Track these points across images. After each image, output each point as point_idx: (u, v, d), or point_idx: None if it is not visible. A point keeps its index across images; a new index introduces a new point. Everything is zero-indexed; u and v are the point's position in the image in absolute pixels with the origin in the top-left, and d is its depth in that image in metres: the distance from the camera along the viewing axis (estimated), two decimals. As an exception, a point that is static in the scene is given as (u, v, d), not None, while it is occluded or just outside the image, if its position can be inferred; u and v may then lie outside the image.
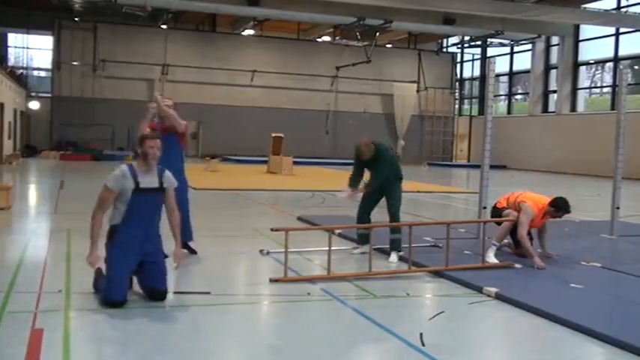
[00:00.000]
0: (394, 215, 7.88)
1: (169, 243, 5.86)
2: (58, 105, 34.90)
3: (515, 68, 38.98)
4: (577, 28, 33.10)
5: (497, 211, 7.95)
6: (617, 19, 29.38)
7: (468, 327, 5.35)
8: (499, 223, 7.75)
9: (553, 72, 35.20)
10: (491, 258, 7.35)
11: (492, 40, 35.26)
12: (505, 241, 7.95)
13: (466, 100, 44.67)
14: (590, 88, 35.32)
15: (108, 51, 34.99)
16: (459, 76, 43.53)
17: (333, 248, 6.73)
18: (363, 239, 7.87)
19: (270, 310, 5.79)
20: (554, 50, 35.11)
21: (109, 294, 5.34)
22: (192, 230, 7.63)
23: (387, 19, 30.20)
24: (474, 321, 5.54)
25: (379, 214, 8.42)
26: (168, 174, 5.78)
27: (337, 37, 37.04)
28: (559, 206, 7.55)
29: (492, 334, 5.30)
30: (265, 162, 25.67)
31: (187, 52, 36.42)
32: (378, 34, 33.32)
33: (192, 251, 7.56)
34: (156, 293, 5.53)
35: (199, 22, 38.43)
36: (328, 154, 37.79)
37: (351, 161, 8.29)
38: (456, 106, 43.49)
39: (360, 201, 8.20)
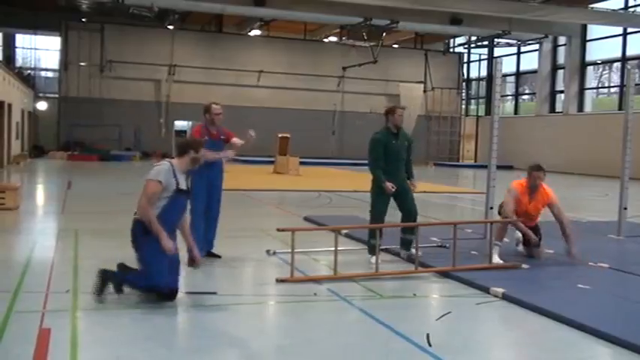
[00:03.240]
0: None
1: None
2: (65, 105, 35.01)
3: (522, 68, 38.86)
4: (584, 28, 32.96)
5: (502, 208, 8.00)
6: (625, 18, 29.24)
7: (475, 327, 5.34)
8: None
9: (560, 72, 35.08)
10: (496, 258, 7.34)
11: (499, 40, 35.14)
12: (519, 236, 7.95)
13: (473, 101, 44.57)
14: (597, 88, 35.18)
15: (115, 51, 35.07)
16: (465, 76, 43.42)
17: (339, 248, 6.73)
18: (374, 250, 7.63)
19: (276, 310, 5.80)
20: (562, 50, 34.98)
21: (163, 283, 5.38)
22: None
23: (393, 19, 30.14)
24: (481, 321, 5.53)
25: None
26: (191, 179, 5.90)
27: (344, 38, 37.02)
28: (530, 167, 7.70)
29: (499, 335, 5.29)
30: (272, 162, 25.69)
31: (194, 53, 36.47)
32: (384, 34, 33.26)
33: (217, 255, 7.56)
34: (173, 291, 5.54)
35: (206, 23, 38.48)
36: (335, 155, 37.77)
37: (358, 161, 8.23)
38: (463, 106, 43.38)
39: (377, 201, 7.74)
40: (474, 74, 43.52)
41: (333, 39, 39.40)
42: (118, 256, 7.64)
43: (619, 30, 30.71)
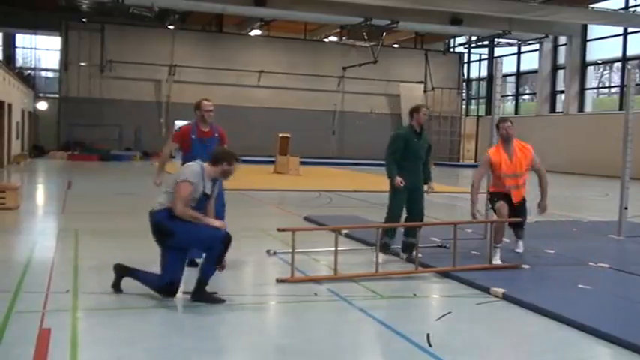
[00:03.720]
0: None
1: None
2: (65, 105, 35.03)
3: (522, 68, 38.85)
4: (585, 27, 32.96)
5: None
6: (625, 18, 29.24)
7: (475, 327, 5.34)
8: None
9: (560, 72, 35.07)
10: (498, 261, 7.34)
11: (500, 40, 35.15)
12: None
13: (473, 101, 44.57)
14: (597, 88, 35.18)
15: (115, 51, 35.08)
16: (466, 76, 43.43)
17: (339, 248, 6.73)
18: (389, 249, 7.61)
19: (276, 310, 5.80)
20: (562, 50, 34.98)
21: (222, 233, 5.61)
22: None
23: (393, 19, 30.15)
24: (481, 321, 5.53)
25: (378, 213, 8.39)
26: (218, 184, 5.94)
27: (344, 38, 37.04)
28: (497, 122, 7.91)
29: (499, 335, 5.29)
30: (272, 162, 25.69)
31: (194, 53, 36.48)
32: (384, 34, 33.27)
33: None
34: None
35: (206, 23, 38.49)
36: (335, 155, 37.79)
37: (358, 161, 8.23)
38: (463, 106, 43.38)
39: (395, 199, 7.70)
40: (474, 74, 43.53)
41: (334, 39, 39.41)
42: (119, 256, 7.66)
43: (619, 30, 30.71)
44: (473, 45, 38.19)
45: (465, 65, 43.13)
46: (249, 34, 37.97)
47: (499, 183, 7.69)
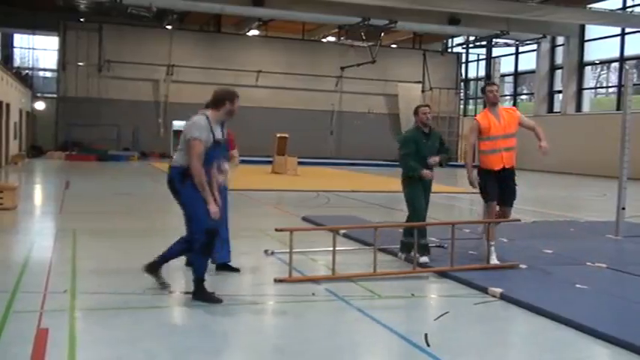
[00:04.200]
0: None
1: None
2: (63, 105, 34.99)
3: (520, 68, 38.86)
4: (582, 28, 32.99)
5: None
6: (623, 19, 29.28)
7: (473, 327, 5.34)
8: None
9: (558, 72, 35.10)
10: (494, 260, 7.33)
11: (497, 40, 35.16)
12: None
13: (471, 101, 44.57)
14: (595, 88, 35.21)
15: (113, 51, 35.05)
16: (464, 76, 43.44)
17: (337, 248, 6.73)
18: (410, 248, 7.46)
19: (274, 310, 5.80)
20: (560, 50, 35.01)
21: (209, 224, 5.55)
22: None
23: (391, 19, 30.17)
24: (479, 321, 5.53)
25: (376, 213, 8.40)
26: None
27: (342, 38, 37.04)
28: (482, 86, 7.91)
29: (497, 335, 5.29)
30: (270, 162, 25.69)
31: (192, 53, 36.46)
32: (382, 34, 33.28)
33: (235, 269, 6.93)
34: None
35: (204, 23, 38.48)
36: (333, 155, 37.79)
37: (356, 161, 8.21)
38: (461, 106, 43.41)
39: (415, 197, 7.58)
40: (472, 74, 43.52)
41: (332, 39, 39.41)
42: (116, 256, 7.66)
43: (617, 30, 30.74)
44: (471, 45, 38.22)
45: (463, 65, 43.13)
46: (247, 34, 37.95)
47: (487, 158, 7.53)
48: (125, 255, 7.67)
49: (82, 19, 34.32)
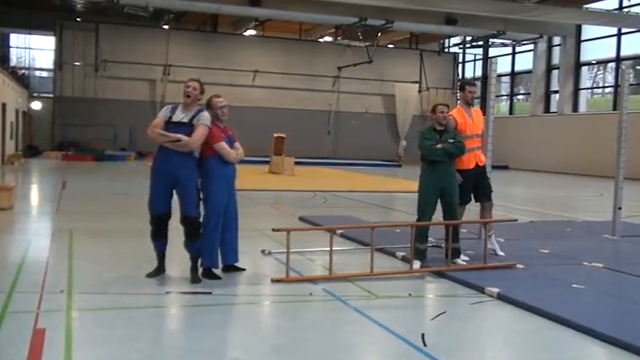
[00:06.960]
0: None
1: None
2: (60, 105, 34.91)
3: (517, 68, 38.91)
4: (579, 28, 33.03)
5: None
6: (619, 19, 29.31)
7: (470, 327, 5.35)
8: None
9: (555, 72, 35.14)
10: (500, 252, 7.41)
11: (494, 40, 35.19)
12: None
13: (468, 101, 44.59)
14: (592, 88, 35.26)
15: (110, 51, 34.98)
16: (460, 76, 43.47)
17: (334, 248, 6.73)
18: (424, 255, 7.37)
19: (271, 310, 5.80)
20: (556, 50, 35.04)
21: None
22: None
23: (388, 19, 30.17)
24: (476, 321, 5.54)
25: (373, 213, 8.40)
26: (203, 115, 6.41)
27: (339, 38, 36.98)
28: (462, 83, 8.08)
29: (494, 335, 5.30)
30: (267, 162, 25.67)
31: (189, 53, 36.40)
32: (379, 34, 33.27)
33: (241, 269, 6.90)
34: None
35: (201, 23, 38.42)
36: (330, 155, 37.76)
37: (353, 161, 8.18)
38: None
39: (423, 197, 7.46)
40: (469, 74, 43.55)
41: (329, 39, 39.38)
42: (113, 255, 7.65)
43: (613, 30, 30.79)
44: (467, 45, 38.22)
45: (460, 65, 43.16)
46: (244, 34, 37.91)
47: (462, 157, 7.46)
48: (122, 255, 7.66)
49: (78, 19, 34.25)
